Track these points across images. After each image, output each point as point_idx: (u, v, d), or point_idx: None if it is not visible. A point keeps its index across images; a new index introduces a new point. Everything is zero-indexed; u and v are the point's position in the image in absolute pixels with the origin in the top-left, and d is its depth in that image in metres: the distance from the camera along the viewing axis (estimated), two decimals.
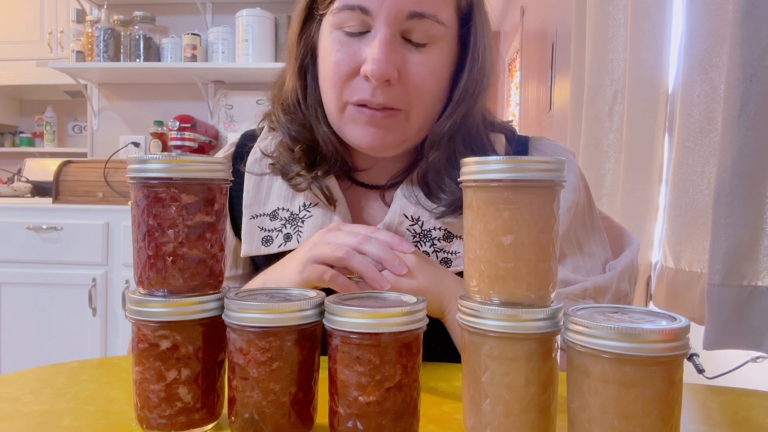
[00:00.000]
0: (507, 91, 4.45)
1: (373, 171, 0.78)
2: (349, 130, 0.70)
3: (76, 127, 3.55)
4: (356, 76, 0.66)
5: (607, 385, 0.38)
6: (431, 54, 0.67)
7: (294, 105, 0.75)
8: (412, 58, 0.66)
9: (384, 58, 0.63)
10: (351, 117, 0.68)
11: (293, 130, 0.75)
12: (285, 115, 0.76)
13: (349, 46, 0.66)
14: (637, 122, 1.30)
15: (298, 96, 0.75)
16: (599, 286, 0.71)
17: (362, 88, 0.66)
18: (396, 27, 0.65)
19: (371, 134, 0.68)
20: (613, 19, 1.44)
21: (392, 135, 0.69)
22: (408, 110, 0.68)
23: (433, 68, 0.67)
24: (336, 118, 0.70)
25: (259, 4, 2.51)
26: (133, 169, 0.46)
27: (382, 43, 0.64)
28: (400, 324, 0.42)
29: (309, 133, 0.74)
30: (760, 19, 0.85)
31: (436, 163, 0.72)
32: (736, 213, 0.89)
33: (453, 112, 0.71)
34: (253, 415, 0.44)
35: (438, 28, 0.66)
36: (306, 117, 0.75)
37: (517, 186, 0.43)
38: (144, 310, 0.45)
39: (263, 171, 0.77)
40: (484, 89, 0.72)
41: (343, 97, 0.68)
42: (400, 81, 0.66)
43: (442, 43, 0.68)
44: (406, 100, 0.67)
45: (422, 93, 0.67)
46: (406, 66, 0.66)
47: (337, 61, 0.67)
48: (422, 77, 0.67)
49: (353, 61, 0.66)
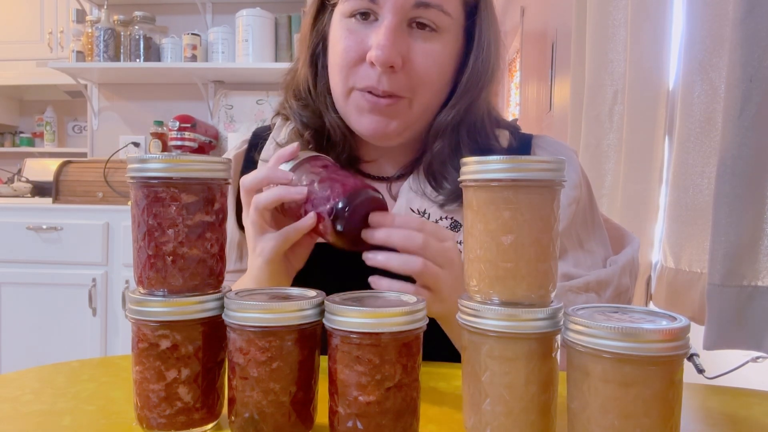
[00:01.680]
0: (507, 91, 4.45)
1: (380, 163, 0.80)
2: (353, 117, 0.72)
3: (76, 127, 3.55)
4: (363, 63, 0.69)
5: (607, 385, 0.38)
6: (436, 44, 0.69)
7: (305, 92, 0.78)
8: (417, 47, 0.68)
9: (389, 44, 0.66)
10: (356, 103, 0.71)
11: (304, 117, 0.77)
12: (297, 101, 0.79)
13: (356, 34, 0.69)
14: (637, 122, 1.30)
15: (309, 83, 0.78)
16: (601, 279, 0.72)
17: (368, 74, 0.68)
18: (402, 15, 0.67)
19: (375, 122, 0.70)
20: (613, 19, 1.44)
21: (395, 122, 0.71)
22: (411, 98, 0.70)
23: (438, 58, 0.69)
24: (342, 104, 0.73)
25: (259, 4, 2.51)
26: (133, 169, 0.46)
27: (388, 30, 0.66)
28: (400, 324, 0.42)
29: (319, 119, 0.77)
30: (760, 19, 0.85)
31: (440, 153, 0.74)
32: (736, 213, 0.89)
33: (457, 103, 0.73)
34: (253, 414, 0.44)
35: (444, 18, 0.68)
36: (316, 104, 0.77)
37: (517, 186, 0.43)
38: (144, 309, 0.45)
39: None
40: (488, 81, 0.74)
41: (350, 82, 0.70)
42: (404, 69, 0.68)
43: (448, 34, 0.70)
44: (410, 87, 0.69)
45: (425, 82, 0.70)
46: (410, 54, 0.68)
47: (345, 47, 0.69)
48: (426, 66, 0.69)
49: (360, 48, 0.68)
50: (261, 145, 0.81)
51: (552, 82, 2.38)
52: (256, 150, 0.81)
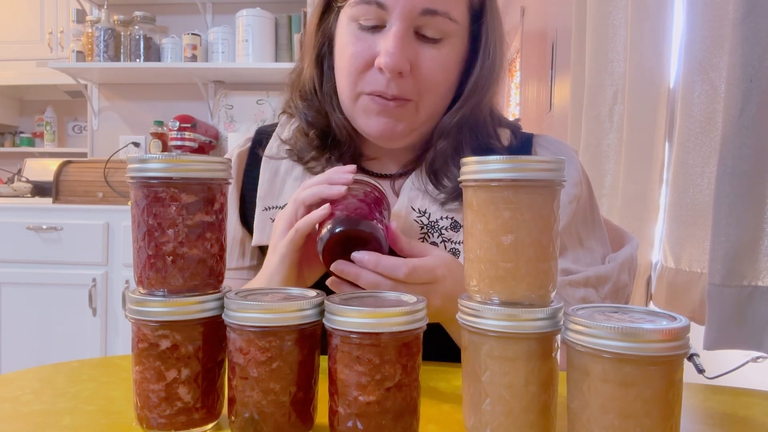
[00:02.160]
0: (507, 91, 4.44)
1: (383, 161, 0.80)
2: (361, 119, 0.73)
3: (76, 127, 3.55)
4: (371, 68, 0.69)
5: (607, 385, 0.38)
6: (443, 49, 0.70)
7: (311, 92, 0.79)
8: (425, 53, 0.69)
9: (397, 51, 0.66)
10: (364, 106, 0.71)
11: (309, 116, 0.78)
12: (302, 101, 0.79)
13: (364, 40, 0.69)
14: (637, 122, 1.30)
15: (314, 84, 0.78)
16: (600, 275, 0.72)
17: (376, 80, 0.69)
18: (409, 22, 0.67)
19: (383, 124, 0.71)
20: (613, 19, 1.44)
21: (402, 124, 0.71)
22: (418, 101, 0.71)
23: (444, 63, 0.70)
24: (349, 107, 0.73)
25: (259, 4, 2.51)
26: (133, 169, 0.46)
27: (396, 37, 0.66)
28: (400, 324, 0.42)
29: (324, 119, 0.78)
30: (760, 19, 0.85)
31: (443, 152, 0.74)
32: (737, 213, 0.89)
33: (463, 105, 0.74)
34: (253, 414, 0.44)
35: (450, 25, 0.69)
36: (322, 104, 0.78)
37: (518, 185, 0.43)
38: (144, 309, 0.45)
39: (281, 156, 0.80)
40: (493, 83, 0.75)
41: (358, 87, 0.71)
42: (411, 74, 0.69)
43: (454, 39, 0.70)
44: (417, 91, 0.70)
45: (432, 86, 0.70)
46: (418, 60, 0.69)
47: (353, 53, 0.69)
48: (433, 71, 0.69)
49: (368, 53, 0.69)
50: (265, 142, 0.82)
51: (552, 82, 2.38)
52: (260, 147, 0.81)
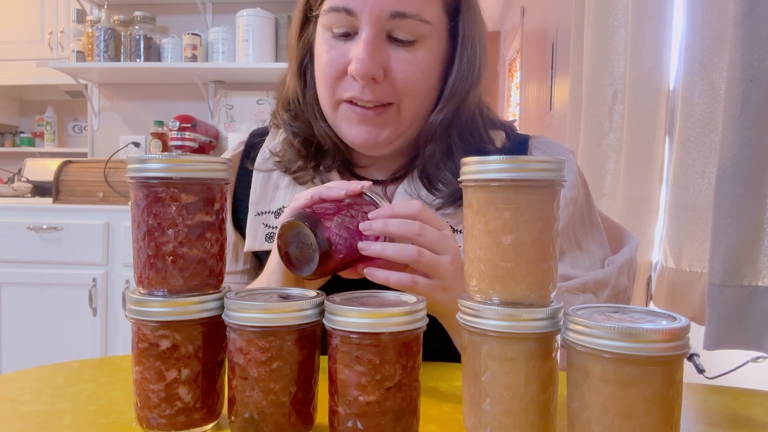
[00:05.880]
0: (507, 91, 4.45)
1: (372, 170, 0.79)
2: (343, 128, 0.72)
3: (77, 127, 3.55)
4: (345, 76, 0.69)
5: (607, 385, 0.38)
6: (418, 51, 0.69)
7: (294, 103, 0.79)
8: (398, 56, 0.68)
9: (367, 57, 0.66)
10: (344, 115, 0.71)
11: (295, 127, 0.78)
12: (287, 112, 0.79)
13: (337, 48, 0.69)
14: (637, 122, 1.30)
15: (297, 94, 0.78)
16: (599, 280, 0.72)
17: (352, 86, 0.69)
18: (380, 27, 0.67)
19: (365, 132, 0.71)
20: (613, 18, 1.44)
21: (386, 131, 0.71)
22: (398, 103, 0.70)
23: (420, 65, 0.69)
24: (331, 116, 0.73)
25: (259, 4, 2.51)
26: (133, 169, 0.46)
27: (366, 42, 0.66)
28: (400, 324, 0.42)
29: (309, 128, 0.77)
30: (760, 19, 0.85)
31: (433, 156, 0.74)
32: (736, 213, 0.89)
33: (445, 105, 0.73)
34: (253, 414, 0.44)
35: (422, 26, 0.68)
36: (306, 114, 0.77)
37: (517, 186, 0.43)
38: (144, 309, 0.45)
39: (270, 168, 0.79)
40: (475, 81, 0.74)
41: (336, 95, 0.70)
42: (387, 79, 0.68)
43: (430, 40, 0.69)
44: (396, 94, 0.69)
45: (410, 89, 0.69)
46: (391, 64, 0.68)
47: (327, 61, 0.69)
48: (408, 74, 0.69)
49: (342, 61, 0.69)
50: (253, 154, 0.81)
51: (552, 82, 2.38)
52: (249, 159, 0.81)
